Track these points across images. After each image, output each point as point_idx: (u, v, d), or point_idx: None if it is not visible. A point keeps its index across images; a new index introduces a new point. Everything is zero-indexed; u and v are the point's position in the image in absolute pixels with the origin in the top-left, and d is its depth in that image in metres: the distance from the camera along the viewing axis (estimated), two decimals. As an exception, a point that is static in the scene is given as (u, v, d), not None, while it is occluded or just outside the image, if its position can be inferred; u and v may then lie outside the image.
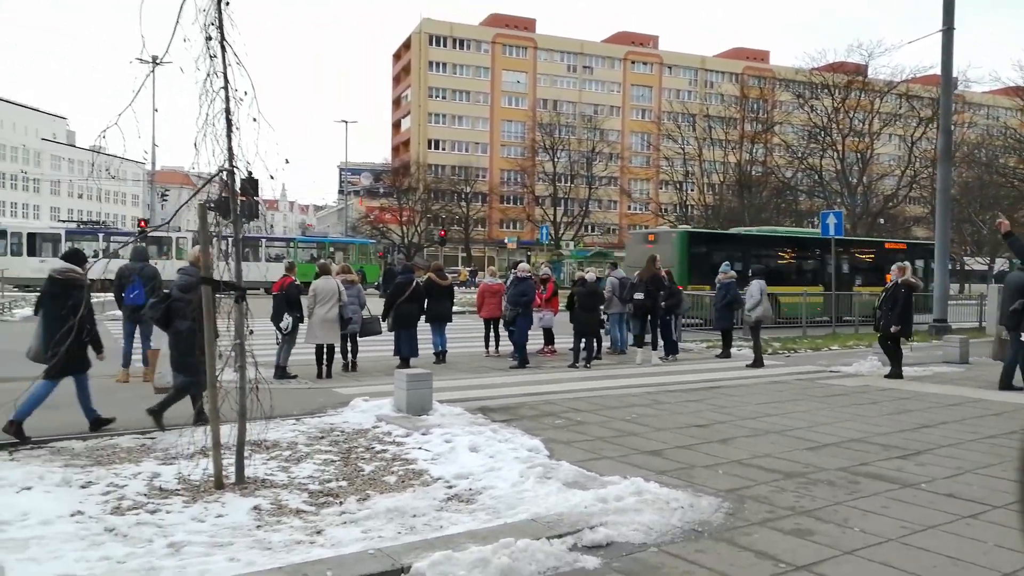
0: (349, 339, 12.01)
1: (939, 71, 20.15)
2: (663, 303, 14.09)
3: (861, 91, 46.26)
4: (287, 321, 10.84)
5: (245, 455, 5.57)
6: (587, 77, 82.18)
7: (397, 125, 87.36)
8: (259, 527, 4.61)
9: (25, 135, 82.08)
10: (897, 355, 11.85)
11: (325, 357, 11.29)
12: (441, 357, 13.03)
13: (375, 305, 13.32)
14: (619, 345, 15.07)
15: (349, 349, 12.09)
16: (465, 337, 16.60)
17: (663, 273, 14.73)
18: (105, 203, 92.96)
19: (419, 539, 4.32)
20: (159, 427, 7.01)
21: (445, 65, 77.80)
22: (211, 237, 5.39)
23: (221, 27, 5.04)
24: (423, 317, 12.82)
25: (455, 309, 15.11)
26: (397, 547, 4.14)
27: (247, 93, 5.16)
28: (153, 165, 40.49)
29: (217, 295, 5.31)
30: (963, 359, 13.84)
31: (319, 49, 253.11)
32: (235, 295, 5.25)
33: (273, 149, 5.51)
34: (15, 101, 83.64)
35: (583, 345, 12.92)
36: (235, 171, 5.17)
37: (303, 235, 76.09)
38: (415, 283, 12.66)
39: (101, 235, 39.20)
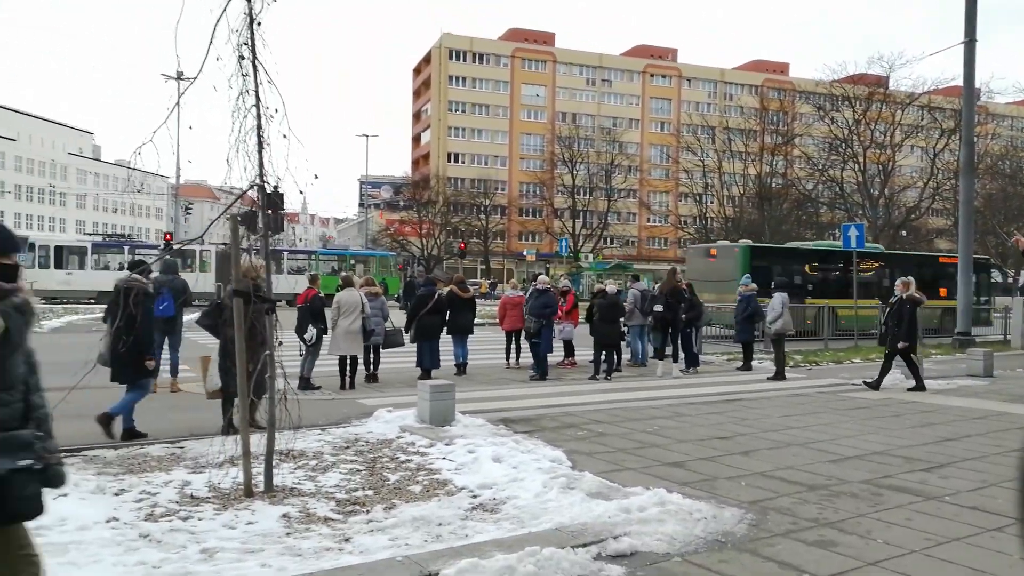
0: (372, 351, 12.13)
1: (961, 82, 20.07)
2: (683, 315, 14.11)
3: (882, 103, 46.05)
4: (311, 333, 10.98)
5: (273, 464, 5.68)
6: (606, 90, 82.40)
7: (417, 139, 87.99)
8: (289, 534, 4.70)
9: (53, 150, 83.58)
10: (911, 367, 11.87)
11: (348, 368, 11.42)
12: (462, 369, 13.12)
13: (398, 317, 13.44)
14: (639, 357, 15.09)
15: (371, 360, 12.21)
16: (485, 349, 16.68)
17: (683, 286, 14.76)
18: (130, 216, 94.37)
19: (445, 547, 4.40)
20: (231, 432, 7.40)
21: (465, 79, 78.36)
22: (242, 250, 5.52)
23: (253, 47, 5.20)
24: (445, 329, 12.93)
25: (476, 321, 15.20)
26: (424, 554, 4.22)
27: (277, 110, 5.31)
28: (178, 179, 41.07)
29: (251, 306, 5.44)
30: (987, 372, 13.71)
31: (341, 64, 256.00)
32: (266, 307, 5.37)
33: (303, 165, 5.65)
34: (44, 117, 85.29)
35: (603, 357, 12.96)
36: (265, 186, 5.31)
37: (324, 248, 76.69)
38: (437, 295, 12.79)
39: (126, 248, 39.74)
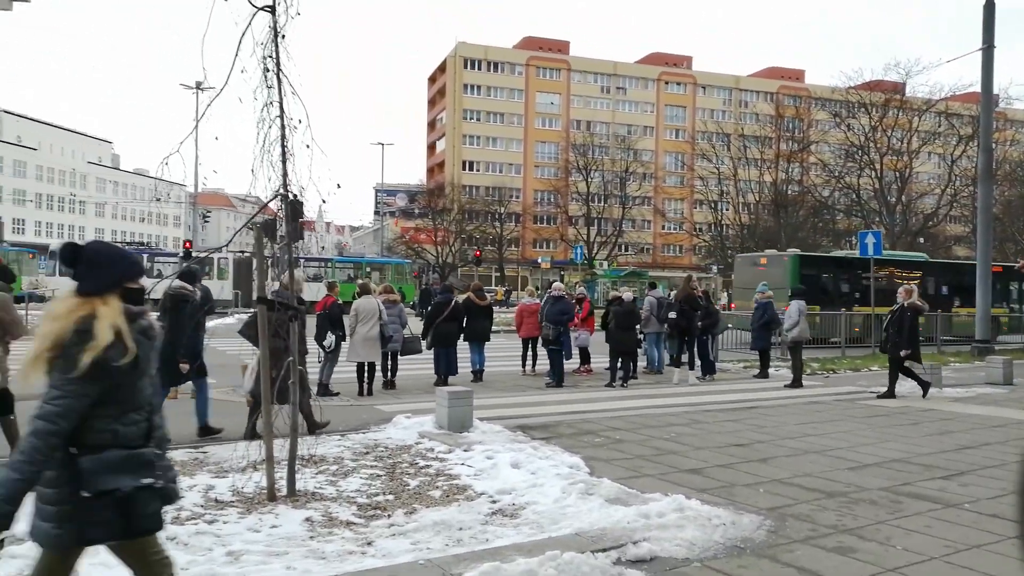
0: (390, 357, 12.22)
1: (979, 89, 19.99)
2: (700, 323, 14.12)
3: (899, 109, 45.79)
4: (330, 339, 11.08)
5: (295, 469, 5.76)
6: (620, 98, 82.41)
7: (432, 147, 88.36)
8: (312, 538, 4.78)
9: (73, 159, 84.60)
10: (894, 375, 11.91)
11: (366, 375, 11.51)
12: (479, 376, 13.19)
13: (416, 325, 13.55)
14: (655, 365, 15.10)
15: (389, 367, 12.30)
16: (500, 356, 16.73)
17: (699, 293, 14.77)
18: (148, 224, 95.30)
19: (467, 551, 4.46)
20: (317, 431, 7.95)
21: (479, 87, 78.66)
22: (266, 258, 5.62)
23: (278, 60, 5.30)
24: (462, 336, 13.02)
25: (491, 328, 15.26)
26: (447, 558, 4.28)
27: (301, 121, 5.42)
28: (196, 187, 41.52)
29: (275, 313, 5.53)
30: (1007, 380, 13.62)
31: (356, 73, 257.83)
32: (289, 314, 5.46)
33: (325, 174, 5.76)
34: (64, 126, 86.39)
35: (619, 364, 12.99)
36: (289, 196, 5.40)
37: (340, 255, 77.07)
38: (454, 302, 12.88)
39: (145, 255, 40.17)
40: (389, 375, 12.27)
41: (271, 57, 5.27)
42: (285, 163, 5.39)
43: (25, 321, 7.06)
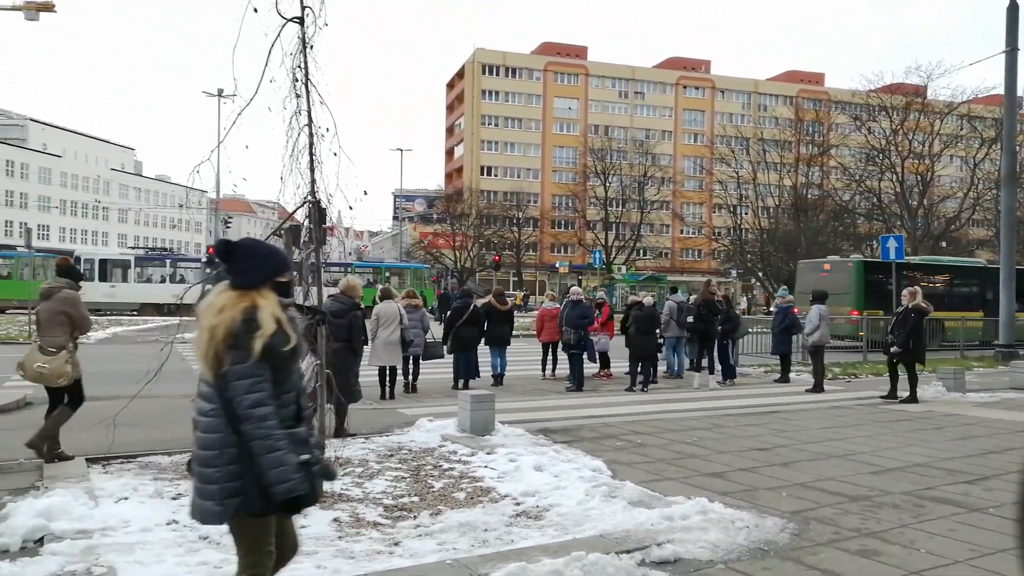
0: (412, 362, 12.33)
1: (1003, 91, 19.82)
2: (720, 328, 14.11)
3: (920, 112, 45.39)
4: (352, 344, 11.18)
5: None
6: (638, 102, 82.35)
7: (450, 152, 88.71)
8: (340, 538, 4.87)
9: (96, 165, 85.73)
10: (911, 379, 11.82)
11: (388, 379, 11.62)
12: (499, 380, 13.26)
13: (437, 329, 13.65)
14: (675, 370, 15.09)
15: (411, 371, 12.40)
16: (520, 360, 16.80)
17: (719, 298, 14.75)
18: (170, 230, 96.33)
19: (493, 551, 4.53)
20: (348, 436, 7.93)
21: (497, 93, 78.90)
22: (296, 263, 5.72)
23: (306, 69, 5.42)
24: (483, 340, 13.10)
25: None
26: (473, 558, 4.35)
27: (328, 129, 5.53)
28: (218, 193, 41.95)
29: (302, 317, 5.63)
30: (1032, 385, 13.49)
31: (375, 79, 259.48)
32: (316, 318, 5.57)
33: (352, 181, 5.87)
34: (87, 133, 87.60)
35: (639, 369, 13.01)
36: (319, 202, 5.51)
37: (359, 260, 77.49)
38: (472, 306, 12.97)
39: (168, 261, 40.68)
40: (411, 379, 12.37)
41: (300, 67, 5.39)
42: (313, 171, 5.50)
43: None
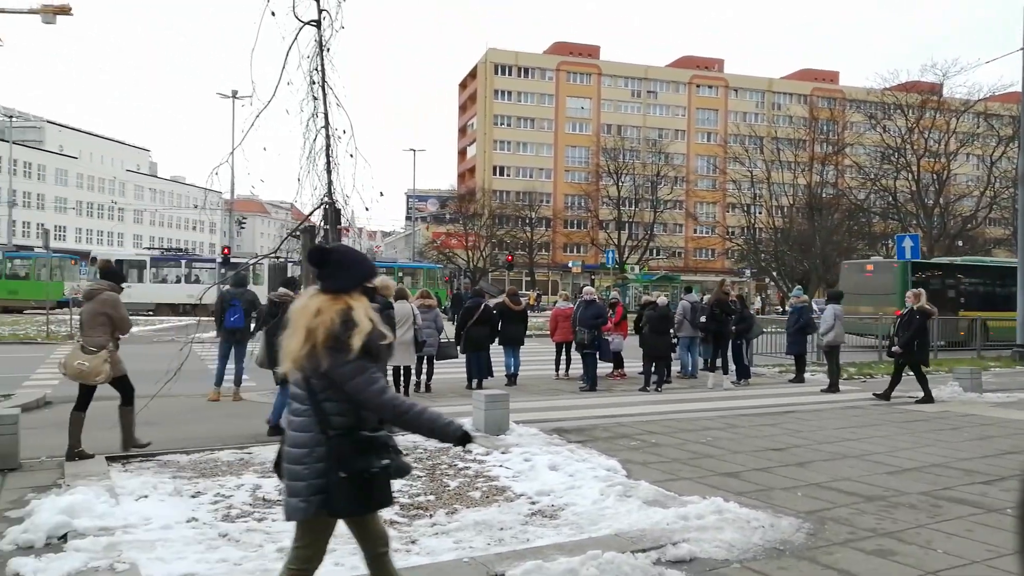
0: (425, 362, 12.38)
1: (1020, 89, 19.66)
2: (734, 327, 14.07)
3: (936, 110, 45.05)
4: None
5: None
6: (651, 102, 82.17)
7: (463, 152, 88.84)
8: (358, 536, 4.90)
9: (112, 167, 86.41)
10: (920, 379, 11.78)
11: (402, 379, 11.67)
12: (513, 380, 13.28)
13: (451, 329, 13.69)
14: (689, 370, 15.06)
15: (424, 371, 12.45)
16: (533, 360, 16.82)
17: (732, 298, 14.72)
18: (184, 231, 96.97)
19: (508, 550, 4.56)
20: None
21: (510, 93, 78.94)
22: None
23: (323, 72, 5.46)
24: (496, 340, 13.13)
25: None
26: (489, 556, 4.39)
27: (345, 131, 5.58)
28: (232, 194, 42.19)
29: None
30: (1051, 386, 13.38)
31: (388, 80, 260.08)
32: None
33: (368, 182, 5.90)
34: (103, 135, 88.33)
35: (653, 369, 13.00)
36: (334, 203, 5.56)
37: (372, 260, 77.59)
38: (483, 306, 13.00)
39: (183, 261, 40.95)
40: (424, 379, 12.42)
41: (317, 70, 5.43)
42: (330, 172, 5.55)
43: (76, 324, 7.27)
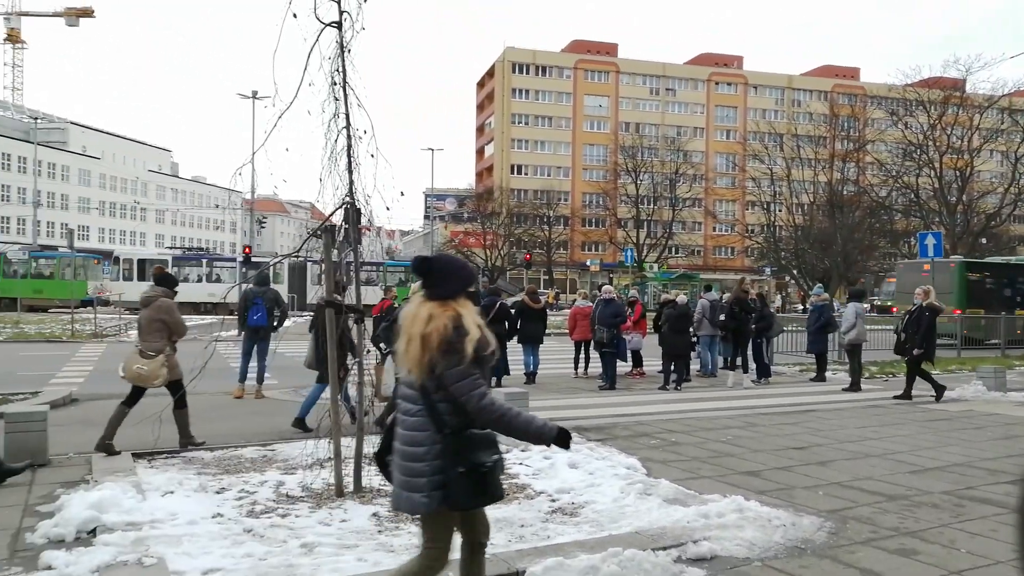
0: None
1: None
2: (753, 326, 14.01)
3: (959, 107, 44.51)
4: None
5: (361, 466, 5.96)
6: (670, 99, 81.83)
7: (481, 151, 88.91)
8: (380, 532, 4.96)
9: (134, 167, 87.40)
10: (927, 377, 11.70)
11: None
12: (532, 378, 13.32)
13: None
14: (709, 368, 15.02)
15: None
16: (552, 358, 16.83)
17: (752, 296, 14.66)
18: (206, 230, 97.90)
19: (530, 547, 4.58)
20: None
21: (528, 92, 78.91)
22: (334, 263, 5.83)
23: (344, 73, 5.51)
24: (516, 338, 13.16)
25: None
26: (511, 553, 4.42)
27: (366, 132, 5.62)
28: (253, 194, 42.52)
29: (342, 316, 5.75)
30: (1077, 385, 13.21)
31: (406, 79, 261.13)
32: (355, 317, 5.67)
33: (389, 182, 5.97)
34: (125, 136, 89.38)
35: (673, 367, 12.98)
36: (356, 204, 5.61)
37: (390, 259, 78.10)
38: (499, 304, 13.02)
39: (204, 260, 41.36)
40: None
41: (338, 71, 5.48)
42: (351, 173, 5.59)
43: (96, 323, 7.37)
